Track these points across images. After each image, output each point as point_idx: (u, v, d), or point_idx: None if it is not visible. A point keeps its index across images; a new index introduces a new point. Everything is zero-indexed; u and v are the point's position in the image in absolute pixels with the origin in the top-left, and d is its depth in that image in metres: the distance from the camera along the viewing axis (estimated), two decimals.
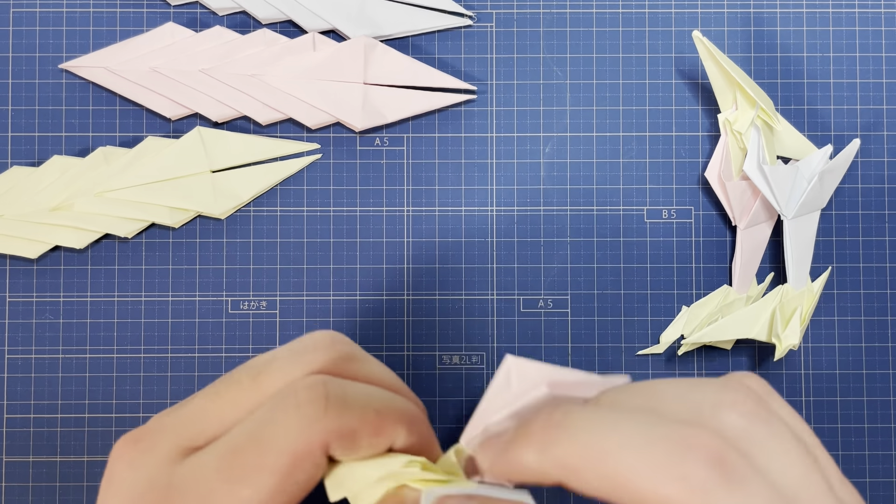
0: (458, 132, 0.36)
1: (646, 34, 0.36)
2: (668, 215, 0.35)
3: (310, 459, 0.19)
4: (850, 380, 0.35)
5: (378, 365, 0.23)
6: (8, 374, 0.35)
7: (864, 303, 0.35)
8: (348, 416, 0.19)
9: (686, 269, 0.35)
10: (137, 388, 0.35)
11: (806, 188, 0.33)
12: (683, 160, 0.36)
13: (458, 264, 0.35)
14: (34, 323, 0.35)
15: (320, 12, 0.35)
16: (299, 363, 0.21)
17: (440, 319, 0.35)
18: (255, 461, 0.19)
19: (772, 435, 0.18)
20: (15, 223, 0.34)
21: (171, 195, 0.34)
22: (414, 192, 0.35)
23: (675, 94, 0.36)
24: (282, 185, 0.35)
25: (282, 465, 0.19)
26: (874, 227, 0.36)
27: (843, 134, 0.36)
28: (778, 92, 0.36)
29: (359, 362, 0.22)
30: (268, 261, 0.35)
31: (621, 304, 0.35)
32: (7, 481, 0.34)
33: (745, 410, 0.18)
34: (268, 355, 0.21)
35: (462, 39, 0.36)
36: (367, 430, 0.19)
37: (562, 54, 0.36)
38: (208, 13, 0.36)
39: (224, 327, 0.35)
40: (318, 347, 0.21)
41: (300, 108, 0.34)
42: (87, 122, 0.35)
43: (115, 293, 0.35)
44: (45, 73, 0.35)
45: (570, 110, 0.36)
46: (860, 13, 0.36)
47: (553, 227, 0.35)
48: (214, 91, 0.34)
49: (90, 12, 0.36)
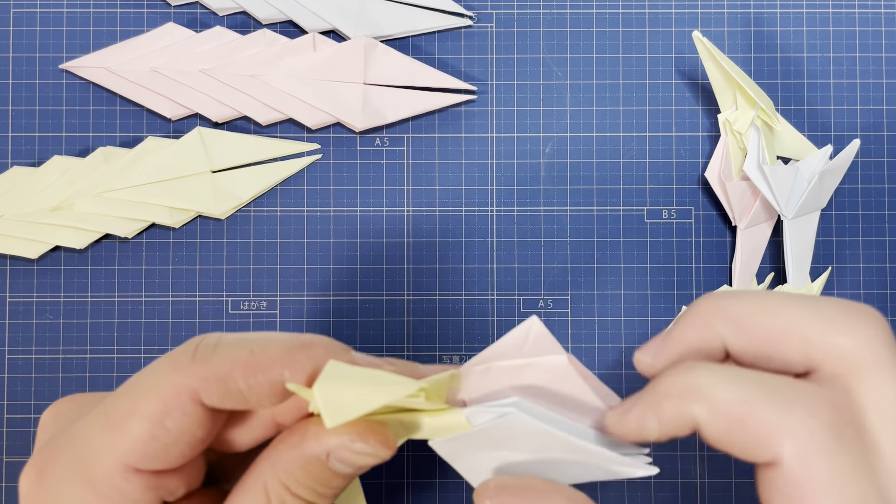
0: (458, 132, 0.36)
1: (646, 34, 0.36)
2: (668, 215, 0.35)
3: (178, 405, 0.19)
4: None
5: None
6: (8, 374, 0.35)
7: (864, 303, 0.35)
8: (216, 361, 0.19)
9: (686, 269, 0.35)
10: None
11: (806, 188, 0.33)
12: (683, 160, 0.36)
13: (458, 264, 0.35)
14: (34, 323, 0.35)
15: (320, 12, 0.35)
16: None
17: (440, 320, 0.35)
18: (128, 407, 0.19)
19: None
20: (15, 223, 0.34)
21: (172, 195, 0.34)
22: (414, 192, 0.35)
23: (675, 94, 0.36)
24: (282, 185, 0.35)
25: (151, 411, 0.19)
26: (874, 227, 0.36)
27: (843, 134, 0.36)
28: (778, 92, 0.36)
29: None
30: (268, 261, 0.35)
31: (621, 304, 0.35)
32: (7, 481, 0.34)
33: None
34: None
35: (462, 39, 0.36)
36: (239, 370, 0.19)
37: (562, 54, 0.36)
38: (208, 13, 0.36)
39: (224, 327, 0.35)
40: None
41: (300, 108, 0.34)
42: (87, 122, 0.35)
43: (116, 293, 0.35)
44: (45, 73, 0.35)
45: (570, 110, 0.36)
46: (860, 13, 0.36)
47: (553, 227, 0.35)
48: (214, 91, 0.34)
49: (90, 12, 0.36)
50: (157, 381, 0.19)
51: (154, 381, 0.19)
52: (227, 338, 0.20)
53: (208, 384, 0.19)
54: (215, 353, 0.19)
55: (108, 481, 0.19)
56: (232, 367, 0.19)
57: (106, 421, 0.19)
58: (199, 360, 0.19)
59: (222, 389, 0.19)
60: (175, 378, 0.19)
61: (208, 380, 0.19)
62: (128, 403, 0.19)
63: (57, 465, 0.19)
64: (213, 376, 0.19)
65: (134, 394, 0.19)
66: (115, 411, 0.19)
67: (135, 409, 0.19)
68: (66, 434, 0.20)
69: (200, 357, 0.19)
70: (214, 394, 0.19)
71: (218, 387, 0.19)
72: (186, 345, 0.20)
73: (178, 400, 0.19)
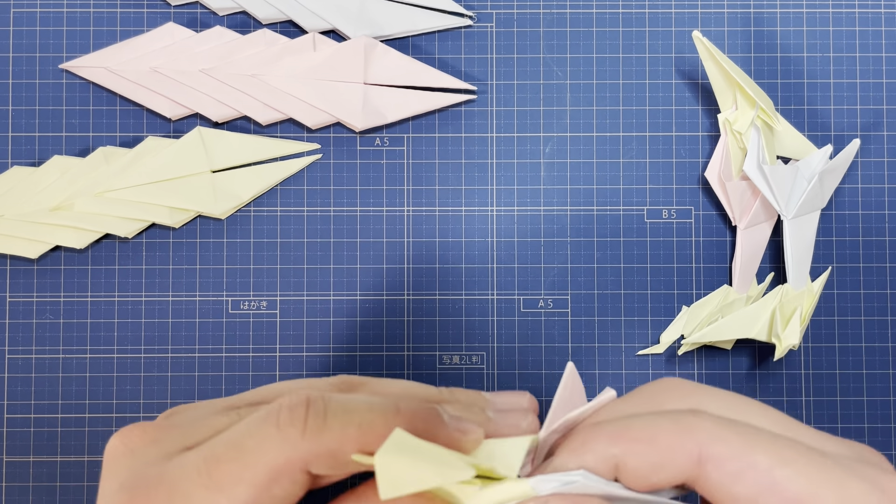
0: (458, 132, 0.36)
1: (646, 34, 0.36)
2: (668, 215, 0.35)
3: (287, 477, 0.19)
4: (850, 380, 0.35)
5: (380, 381, 0.23)
6: (8, 374, 0.35)
7: (864, 303, 0.35)
8: (327, 437, 0.19)
9: (686, 269, 0.35)
10: (137, 388, 0.35)
11: (806, 188, 0.33)
12: (683, 160, 0.36)
13: (458, 264, 0.35)
14: (34, 323, 0.35)
15: (320, 12, 0.35)
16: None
17: (440, 319, 0.35)
18: (234, 472, 0.19)
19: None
20: (15, 223, 0.34)
21: (172, 195, 0.34)
22: (414, 192, 0.35)
23: (675, 94, 0.36)
24: (282, 185, 0.35)
25: (259, 480, 0.19)
26: (874, 227, 0.36)
27: (843, 134, 0.36)
28: (778, 92, 0.36)
29: (360, 385, 0.23)
30: (268, 261, 0.35)
31: (621, 304, 0.35)
32: (7, 481, 0.34)
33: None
34: (288, 384, 0.23)
35: (462, 39, 0.36)
36: (350, 447, 0.19)
37: (562, 54, 0.36)
38: (208, 13, 0.36)
39: (224, 327, 0.35)
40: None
41: (300, 108, 0.34)
42: (87, 122, 0.35)
43: (116, 293, 0.35)
44: (45, 73, 0.35)
45: (570, 110, 0.36)
46: (860, 13, 0.36)
47: (553, 227, 0.35)
48: (214, 91, 0.34)
49: (90, 12, 0.36)
50: (265, 451, 0.19)
51: (263, 451, 0.19)
52: (334, 405, 0.20)
53: (319, 458, 0.19)
54: (326, 426, 0.19)
55: None
56: (342, 444, 0.19)
57: (210, 482, 0.19)
58: (311, 435, 0.19)
59: (332, 462, 0.19)
60: (286, 451, 0.19)
61: (319, 455, 0.19)
62: (234, 469, 0.19)
63: None
64: (324, 452, 0.19)
65: (240, 460, 0.19)
66: (219, 474, 0.19)
67: (241, 476, 0.19)
68: (161, 478, 0.20)
69: (311, 431, 0.19)
70: (323, 466, 0.19)
71: (328, 460, 0.19)
72: (292, 411, 0.20)
73: (289, 471, 0.19)
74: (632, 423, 0.19)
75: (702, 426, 0.18)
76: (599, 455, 0.19)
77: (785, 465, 0.17)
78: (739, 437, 0.18)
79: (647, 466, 0.19)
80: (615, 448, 0.19)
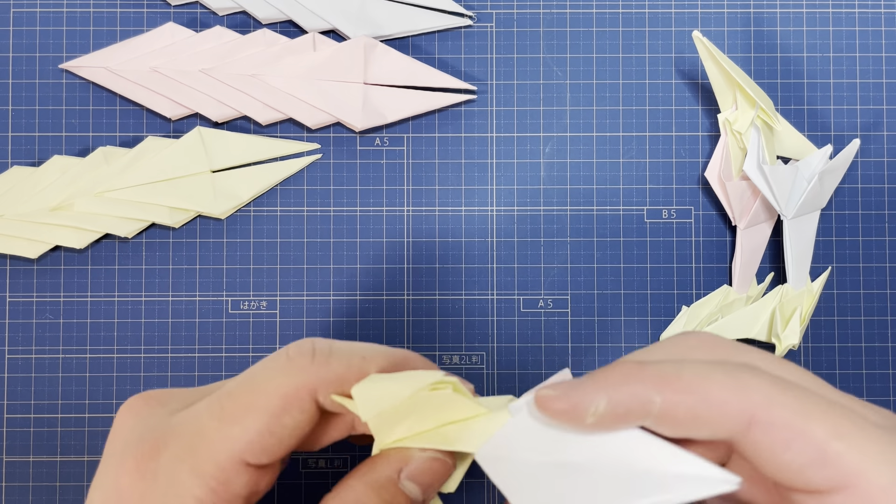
0: (458, 132, 0.36)
1: (646, 34, 0.36)
2: (668, 215, 0.35)
3: (297, 403, 0.20)
4: (850, 380, 0.35)
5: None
6: (8, 374, 0.35)
7: (864, 303, 0.35)
8: (335, 363, 0.20)
9: (686, 269, 0.35)
10: (137, 388, 0.35)
11: (806, 188, 0.33)
12: (683, 160, 0.36)
13: (458, 264, 0.35)
14: (34, 323, 0.35)
15: (320, 12, 0.35)
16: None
17: (440, 319, 0.35)
18: (246, 402, 0.20)
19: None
20: (15, 223, 0.34)
21: (171, 195, 0.34)
22: (414, 192, 0.35)
23: (675, 94, 0.36)
24: (282, 185, 0.35)
25: (271, 406, 0.20)
26: (874, 227, 0.36)
27: (843, 134, 0.36)
28: (778, 92, 0.36)
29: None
30: (268, 261, 0.35)
31: (621, 304, 0.35)
32: (7, 481, 0.34)
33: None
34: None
35: (462, 39, 0.36)
36: (353, 374, 0.20)
37: (562, 54, 0.36)
38: (208, 13, 0.36)
39: (224, 327, 0.35)
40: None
41: (300, 108, 0.34)
42: (87, 122, 0.35)
43: (115, 293, 0.35)
44: (45, 73, 0.35)
45: (570, 110, 0.36)
46: (860, 13, 0.36)
47: (553, 227, 0.35)
48: (214, 91, 0.34)
49: (90, 12, 0.36)
50: (277, 378, 0.20)
51: (274, 379, 0.20)
52: (338, 344, 0.21)
53: (327, 385, 0.20)
54: (332, 356, 0.20)
55: (219, 474, 0.19)
56: (348, 371, 0.20)
57: (222, 414, 0.20)
58: (319, 362, 0.20)
59: (338, 391, 0.20)
60: (296, 377, 0.20)
61: (328, 381, 0.20)
62: (246, 399, 0.20)
63: (162, 457, 0.20)
64: (332, 378, 0.20)
65: (252, 390, 0.20)
66: (231, 405, 0.20)
67: (254, 404, 0.20)
68: (169, 427, 0.20)
69: (319, 359, 0.20)
70: (328, 392, 0.20)
71: (335, 388, 0.20)
72: (300, 346, 0.21)
73: (298, 397, 0.20)
74: (682, 370, 0.18)
75: (759, 387, 0.17)
76: (637, 397, 0.17)
77: (840, 438, 0.16)
78: (797, 402, 0.17)
79: (690, 420, 0.17)
80: (659, 395, 0.17)
